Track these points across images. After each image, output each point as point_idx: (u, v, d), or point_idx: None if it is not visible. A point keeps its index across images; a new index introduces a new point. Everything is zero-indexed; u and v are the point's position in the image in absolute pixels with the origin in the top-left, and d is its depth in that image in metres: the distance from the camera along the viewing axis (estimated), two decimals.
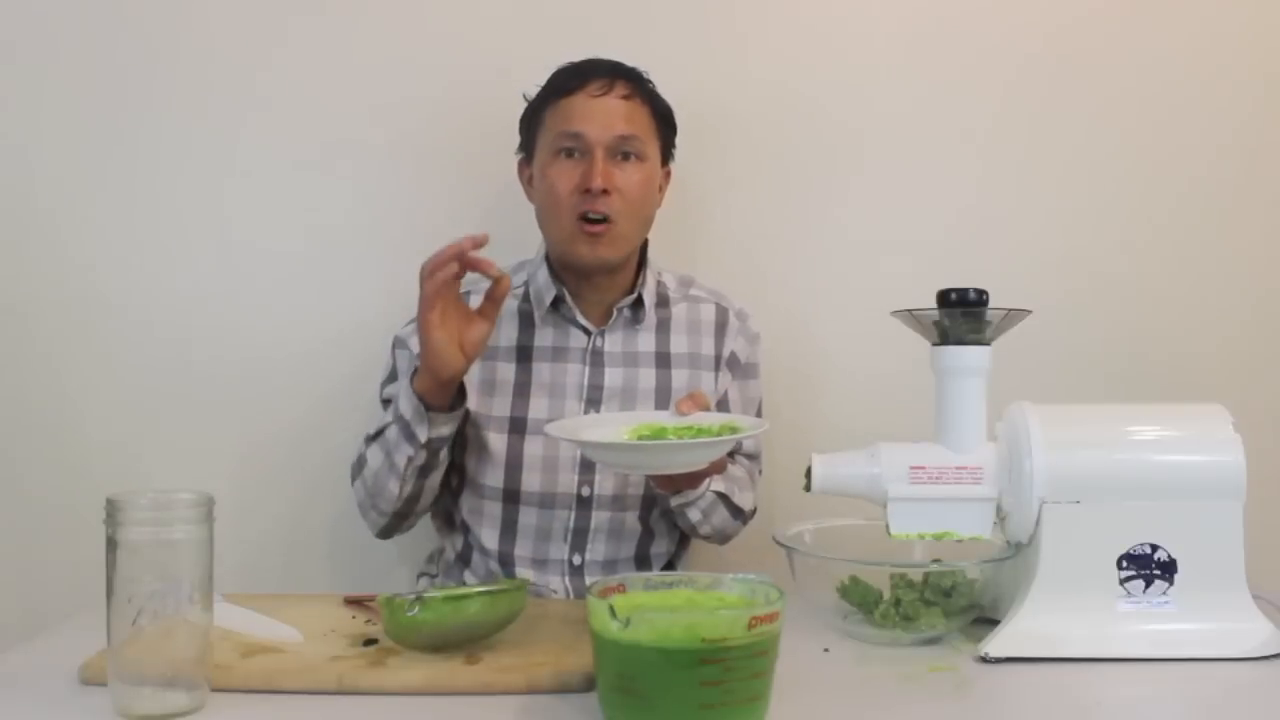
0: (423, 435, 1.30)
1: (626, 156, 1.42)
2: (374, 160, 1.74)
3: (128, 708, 0.89)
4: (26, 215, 1.73)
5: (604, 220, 1.39)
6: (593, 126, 1.40)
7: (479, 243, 1.21)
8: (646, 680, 0.84)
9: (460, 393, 1.32)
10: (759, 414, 1.56)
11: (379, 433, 1.38)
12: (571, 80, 1.43)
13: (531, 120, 1.48)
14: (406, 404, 1.30)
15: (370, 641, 1.06)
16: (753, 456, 1.54)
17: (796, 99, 1.75)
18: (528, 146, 1.49)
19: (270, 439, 1.74)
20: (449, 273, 1.21)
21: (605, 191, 1.38)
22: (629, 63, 1.45)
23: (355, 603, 1.19)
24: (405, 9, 1.73)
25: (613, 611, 0.84)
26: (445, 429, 1.32)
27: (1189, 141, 1.77)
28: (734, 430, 1.18)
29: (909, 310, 1.12)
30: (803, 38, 1.75)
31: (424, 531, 1.60)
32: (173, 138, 1.73)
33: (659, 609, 0.90)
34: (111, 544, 0.89)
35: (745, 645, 0.84)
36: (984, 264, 1.65)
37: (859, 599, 1.12)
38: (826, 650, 1.09)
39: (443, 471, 1.40)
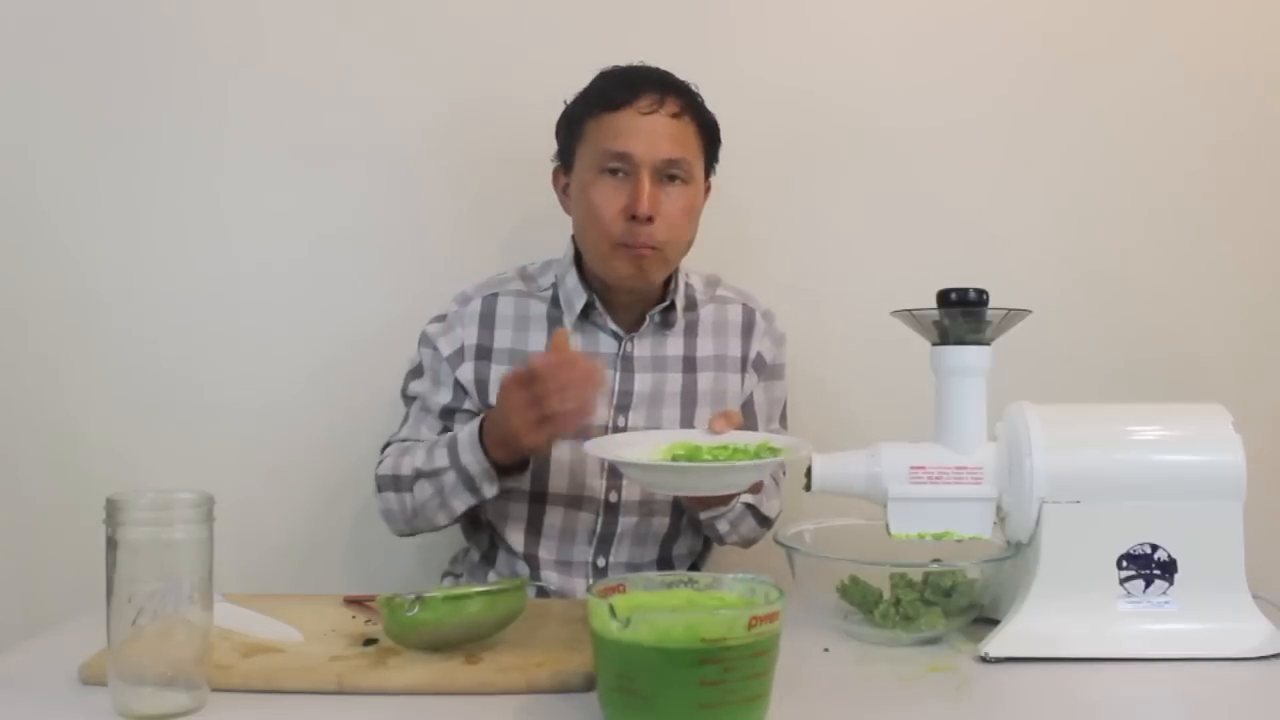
0: (489, 493, 1.31)
1: (673, 179, 1.36)
2: (379, 161, 1.74)
3: (128, 708, 0.89)
4: (26, 216, 1.73)
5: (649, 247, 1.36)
6: (641, 146, 1.33)
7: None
8: (646, 680, 0.84)
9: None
10: (783, 415, 1.55)
11: (433, 472, 1.33)
12: (619, 93, 1.35)
13: (571, 129, 1.40)
14: (473, 462, 1.29)
15: (370, 641, 1.06)
16: None
17: (796, 101, 1.75)
18: (566, 156, 1.42)
19: (274, 439, 1.74)
20: (589, 404, 1.18)
21: (650, 219, 1.34)
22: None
23: (355, 603, 1.19)
24: (413, 10, 1.73)
25: (613, 611, 0.84)
26: (510, 484, 1.33)
27: (1189, 141, 1.77)
28: (772, 450, 1.17)
29: (909, 310, 1.12)
30: (804, 38, 1.75)
31: (447, 533, 1.60)
32: (173, 138, 1.73)
33: (659, 609, 0.90)
34: (111, 544, 0.89)
35: (745, 645, 0.84)
36: (984, 264, 1.65)
37: (859, 599, 1.12)
38: (826, 650, 1.08)
39: None
